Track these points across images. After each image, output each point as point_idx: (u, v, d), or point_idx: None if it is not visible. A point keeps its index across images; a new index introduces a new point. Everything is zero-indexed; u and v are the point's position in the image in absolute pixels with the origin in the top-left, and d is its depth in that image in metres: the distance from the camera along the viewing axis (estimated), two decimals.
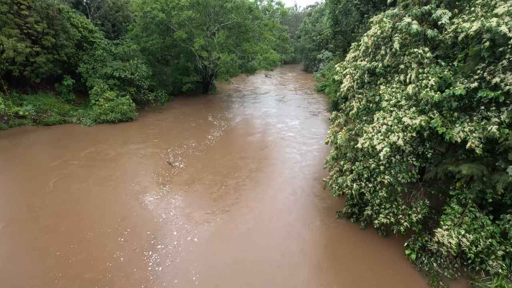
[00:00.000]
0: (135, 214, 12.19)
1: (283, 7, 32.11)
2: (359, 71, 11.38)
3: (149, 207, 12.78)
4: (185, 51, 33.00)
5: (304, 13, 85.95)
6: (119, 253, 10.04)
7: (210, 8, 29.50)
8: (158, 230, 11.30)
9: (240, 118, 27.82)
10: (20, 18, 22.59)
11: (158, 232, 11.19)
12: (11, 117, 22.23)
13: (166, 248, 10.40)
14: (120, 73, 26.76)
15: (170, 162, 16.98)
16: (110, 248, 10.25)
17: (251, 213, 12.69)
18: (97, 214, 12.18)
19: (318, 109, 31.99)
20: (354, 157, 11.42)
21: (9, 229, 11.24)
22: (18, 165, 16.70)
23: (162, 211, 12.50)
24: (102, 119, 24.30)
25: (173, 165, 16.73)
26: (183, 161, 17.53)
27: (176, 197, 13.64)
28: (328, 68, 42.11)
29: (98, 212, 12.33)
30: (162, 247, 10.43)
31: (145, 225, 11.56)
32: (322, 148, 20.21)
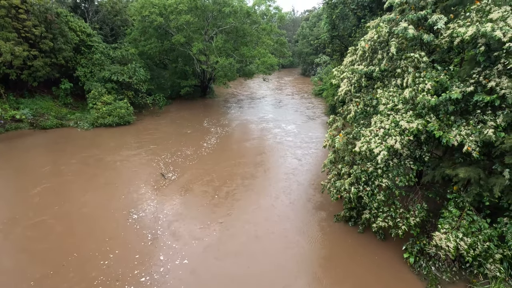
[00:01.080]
0: (123, 234, 11.10)
1: (280, 11, 32.41)
2: (357, 75, 11.46)
3: (137, 225, 11.68)
4: (183, 55, 33.11)
5: (302, 18, 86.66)
6: (100, 280, 8.92)
7: (208, 12, 29.67)
8: (145, 254, 10.10)
9: (237, 123, 27.73)
10: (18, 22, 22.60)
11: (144, 256, 9.96)
12: (8, 121, 22.11)
13: (151, 279, 9.05)
14: (118, 77, 26.76)
15: (163, 173, 16.05)
16: (93, 276, 9.04)
17: (246, 224, 12.13)
18: (84, 231, 11.24)
19: (315, 113, 32.10)
20: (352, 160, 11.45)
21: None
22: (9, 169, 16.56)
23: (150, 229, 11.41)
24: (99, 122, 24.23)
25: (166, 176, 15.76)
26: (177, 171, 16.64)
27: (165, 212, 12.65)
28: (326, 72, 42.33)
29: (85, 228, 11.39)
30: (147, 279, 9.03)
31: (132, 247, 10.39)
32: (319, 152, 20.22)
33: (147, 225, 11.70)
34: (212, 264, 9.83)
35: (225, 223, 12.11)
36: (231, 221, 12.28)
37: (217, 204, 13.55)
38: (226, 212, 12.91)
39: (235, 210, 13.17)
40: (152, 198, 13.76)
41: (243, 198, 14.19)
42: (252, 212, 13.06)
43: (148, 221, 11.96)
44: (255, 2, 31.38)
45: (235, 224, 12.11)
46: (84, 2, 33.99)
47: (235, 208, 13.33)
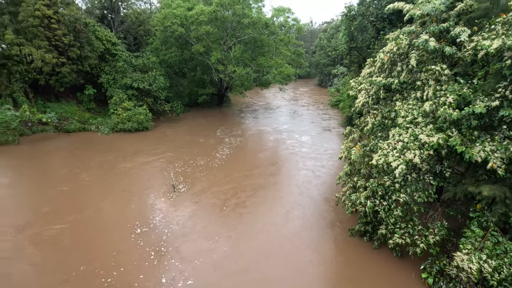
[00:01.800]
0: (130, 249, 10.68)
1: (299, 23, 32.71)
2: (375, 87, 11.31)
3: (141, 240, 11.20)
4: (202, 64, 33.89)
5: (320, 29, 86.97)
6: None
7: (228, 23, 30.37)
8: (149, 274, 9.54)
9: (252, 133, 27.79)
10: (50, 31, 23.98)
11: (149, 277, 9.41)
12: (35, 124, 23.24)
13: None
14: (138, 84, 27.69)
15: (175, 185, 15.65)
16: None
17: (255, 240, 11.56)
18: (93, 242, 10.96)
19: (331, 124, 31.77)
20: (368, 173, 11.18)
21: None
22: (32, 170, 17.26)
23: (154, 246, 10.87)
24: (119, 128, 25.02)
25: (176, 189, 15.36)
26: (187, 182, 16.29)
27: (171, 227, 12.14)
28: (343, 83, 42.06)
29: (95, 240, 11.12)
30: None
31: (137, 265, 9.93)
32: (334, 163, 19.89)
33: (153, 241, 11.15)
34: (218, 285, 9.29)
35: (233, 239, 11.55)
36: (239, 237, 11.71)
37: (226, 218, 13.10)
38: (235, 227, 12.39)
39: (244, 225, 12.68)
40: (161, 209, 13.46)
41: (253, 212, 13.73)
42: (262, 227, 12.55)
43: (154, 236, 11.43)
44: (274, 14, 31.88)
45: (244, 240, 11.56)
46: (111, 13, 35.76)
47: (244, 222, 12.85)
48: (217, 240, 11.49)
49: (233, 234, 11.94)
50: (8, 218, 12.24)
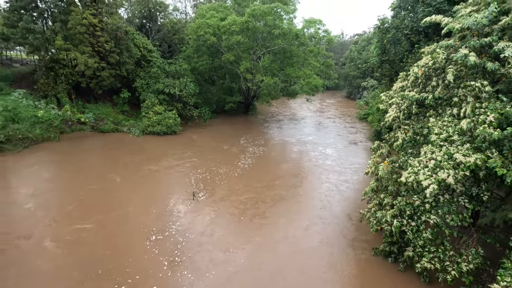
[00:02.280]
0: (146, 256, 10.52)
1: (329, 34, 32.59)
2: (407, 101, 10.91)
3: (156, 248, 10.98)
4: (231, 73, 34.71)
5: (351, 41, 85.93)
6: None
7: (258, 34, 30.97)
8: (161, 285, 9.31)
9: (276, 143, 27.67)
10: (94, 38, 25.87)
11: (160, 287, 9.22)
12: (74, 123, 24.95)
13: None
14: (170, 90, 28.89)
15: (195, 193, 15.43)
16: None
17: (273, 251, 11.19)
18: (113, 246, 10.93)
19: (358, 137, 30.92)
20: (396, 191, 10.69)
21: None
22: (67, 166, 18.40)
23: (168, 255, 10.59)
24: (149, 130, 26.14)
25: (196, 196, 15.17)
26: (208, 189, 16.14)
27: (187, 235, 11.84)
28: (373, 96, 40.94)
29: (114, 243, 11.09)
30: None
31: (152, 273, 9.71)
32: (359, 178, 19.22)
33: (167, 249, 10.91)
34: None
35: (250, 251, 11.17)
36: (256, 250, 11.32)
37: (244, 228, 12.76)
38: (252, 238, 12.02)
39: (262, 236, 12.26)
40: (179, 216, 13.29)
41: (272, 223, 13.30)
42: (280, 240, 12.07)
43: (169, 244, 11.20)
44: (305, 25, 32.07)
45: (261, 254, 11.11)
46: (149, 22, 37.90)
47: (262, 234, 12.43)
48: (233, 251, 11.15)
49: (250, 246, 11.56)
50: (41, 214, 13.06)
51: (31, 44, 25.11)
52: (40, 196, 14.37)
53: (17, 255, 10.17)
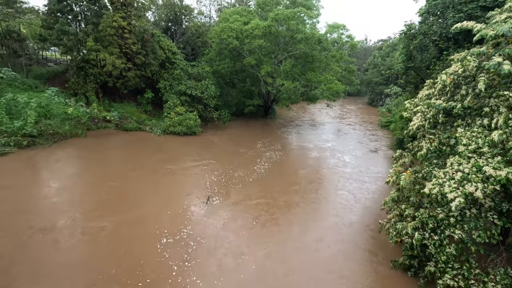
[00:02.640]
0: (157, 259, 10.43)
1: (353, 40, 32.07)
2: (433, 110, 10.52)
3: (167, 252, 10.84)
4: (252, 76, 34.95)
5: (374, 47, 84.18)
6: None
7: (281, 38, 31.05)
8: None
9: (293, 148, 27.43)
10: (122, 40, 26.97)
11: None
12: (100, 120, 26.06)
13: None
14: (192, 91, 29.52)
15: (210, 197, 15.26)
16: None
17: (286, 260, 10.92)
18: (127, 247, 10.93)
19: (378, 145, 30.08)
20: (418, 202, 10.29)
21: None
22: (91, 162, 19.18)
23: (178, 260, 10.44)
24: (170, 130, 26.80)
25: (210, 200, 15.00)
26: (222, 193, 16.02)
27: (199, 240, 11.70)
28: (396, 103, 39.86)
29: (129, 244, 11.10)
30: None
31: (164, 278, 9.63)
32: (378, 188, 18.64)
33: (178, 254, 10.79)
34: None
35: (261, 259, 10.92)
36: (268, 257, 11.03)
37: (257, 235, 12.52)
38: (265, 246, 11.77)
39: (275, 244, 11.96)
40: (191, 220, 13.16)
41: (285, 231, 13.02)
42: (293, 249, 11.73)
43: (179, 249, 11.07)
44: (328, 30, 31.79)
45: (273, 262, 10.83)
46: (174, 25, 39.05)
47: (275, 241, 12.11)
48: (244, 258, 10.90)
49: (262, 253, 11.30)
50: (63, 208, 13.66)
51: (65, 45, 26.57)
52: (65, 190, 15.01)
53: (34, 249, 10.41)
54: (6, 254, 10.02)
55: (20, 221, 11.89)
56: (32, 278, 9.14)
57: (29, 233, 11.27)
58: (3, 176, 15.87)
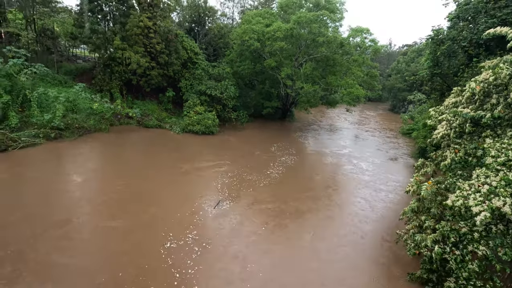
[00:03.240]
0: (160, 265, 10.08)
1: (376, 44, 31.39)
2: (460, 118, 10.08)
3: (170, 258, 10.46)
4: (271, 78, 34.97)
5: (399, 52, 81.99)
6: None
7: (302, 41, 30.88)
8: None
9: (309, 153, 27.02)
10: (147, 39, 27.82)
11: None
12: (123, 117, 26.95)
13: None
14: (211, 91, 29.94)
15: (220, 201, 14.97)
16: None
17: (294, 270, 10.47)
18: (134, 249, 10.72)
19: (399, 153, 29.15)
20: (439, 214, 9.87)
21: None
22: (111, 156, 19.88)
23: (181, 267, 10.03)
24: (189, 129, 27.29)
25: (220, 204, 14.69)
26: (232, 196, 15.72)
27: (204, 245, 11.34)
28: (419, 111, 38.53)
29: (137, 246, 10.89)
30: None
31: (166, 286, 9.28)
32: (397, 197, 18.05)
33: (181, 259, 10.44)
34: None
35: (268, 268, 10.46)
36: (275, 267, 10.58)
37: (265, 242, 12.11)
38: (273, 254, 11.34)
39: (284, 252, 11.53)
40: (198, 224, 12.76)
41: (296, 238, 12.63)
42: (304, 258, 11.25)
43: (183, 254, 10.71)
44: (351, 34, 31.29)
45: (280, 273, 10.34)
46: (197, 26, 39.80)
47: (283, 251, 11.62)
48: (250, 267, 10.46)
49: (270, 262, 10.89)
50: (80, 203, 14.18)
51: (93, 43, 27.74)
52: (84, 185, 15.39)
53: (45, 243, 10.49)
54: (18, 245, 10.23)
55: (39, 213, 12.22)
56: (34, 274, 9.11)
57: (44, 226, 11.41)
58: (31, 166, 16.78)
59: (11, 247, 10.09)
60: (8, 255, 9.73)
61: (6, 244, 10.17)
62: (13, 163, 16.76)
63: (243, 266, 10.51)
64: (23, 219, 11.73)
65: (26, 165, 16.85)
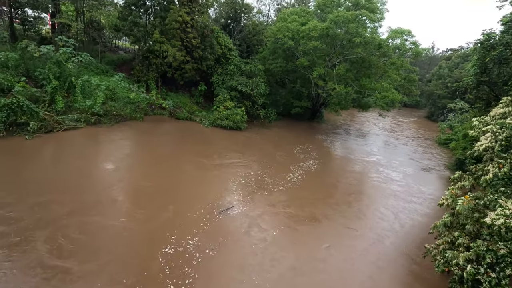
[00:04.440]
0: (160, 275, 9.30)
1: (417, 47, 29.66)
2: (507, 131, 9.29)
3: (167, 267, 9.65)
4: (303, 77, 34.53)
5: (442, 57, 77.08)
6: None
7: (338, 41, 30.09)
8: None
9: (336, 157, 26.09)
10: (184, 34, 28.68)
11: None
12: (156, 107, 28.12)
13: None
14: (242, 88, 30.23)
15: (229, 209, 13.82)
16: None
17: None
18: (134, 254, 10.06)
19: (432, 164, 27.47)
20: (475, 232, 9.20)
21: None
22: (141, 145, 20.78)
23: (177, 278, 9.21)
24: (217, 123, 27.83)
25: (226, 211, 13.58)
26: (247, 199, 14.99)
27: (207, 251, 10.56)
28: (460, 120, 36.03)
29: (136, 251, 10.22)
30: None
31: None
32: (426, 211, 17.00)
33: (179, 268, 9.68)
34: None
35: (273, 283, 9.57)
36: (283, 284, 9.67)
37: (274, 251, 11.17)
38: (280, 266, 10.40)
39: (294, 266, 10.58)
40: (204, 229, 11.93)
41: (309, 249, 11.68)
42: (316, 275, 10.30)
43: (182, 261, 9.95)
44: (390, 35, 29.88)
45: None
46: (233, 23, 40.27)
47: (294, 263, 10.67)
48: (255, 280, 9.60)
49: (276, 277, 9.91)
50: (107, 189, 14.95)
51: (134, 35, 29.15)
52: (113, 171, 15.85)
53: (64, 227, 10.67)
54: (53, 221, 11.11)
55: (73, 191, 13.15)
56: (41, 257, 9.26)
57: (67, 209, 11.71)
58: (72, 148, 18.13)
59: (47, 222, 11.01)
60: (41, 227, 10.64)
61: (42, 220, 11.11)
62: (57, 144, 18.20)
63: (244, 282, 9.63)
64: (58, 196, 12.66)
65: (67, 146, 18.23)
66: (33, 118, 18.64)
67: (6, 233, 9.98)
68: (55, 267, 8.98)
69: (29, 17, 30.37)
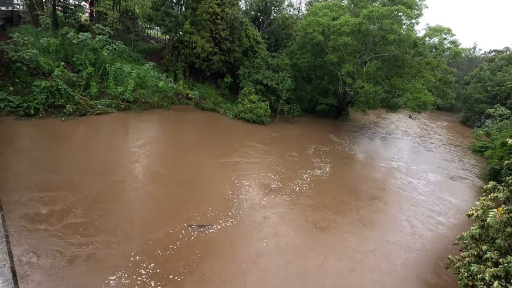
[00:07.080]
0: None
1: (457, 47, 27.78)
2: None
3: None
4: (330, 74, 33.70)
5: (484, 58, 71.98)
6: None
7: (370, 37, 28.94)
8: None
9: (359, 160, 24.83)
10: (213, 25, 28.87)
11: None
12: (183, 97, 28.76)
13: None
14: (268, 81, 30.09)
15: (204, 226, 11.75)
16: None
17: None
18: (145, 246, 9.99)
19: (463, 173, 25.97)
20: (507, 247, 8.62)
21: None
22: (165, 132, 21.37)
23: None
24: (240, 116, 28.00)
25: (203, 227, 11.66)
26: (248, 205, 13.90)
27: (172, 277, 9.16)
28: (499, 127, 33.61)
29: (147, 242, 10.14)
30: None
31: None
32: (453, 222, 16.27)
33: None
34: None
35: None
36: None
37: (274, 259, 10.54)
38: (282, 272, 9.88)
39: (296, 269, 10.19)
40: (182, 247, 10.54)
41: (316, 262, 10.85)
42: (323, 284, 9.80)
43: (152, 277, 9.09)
44: (428, 33, 28.17)
45: None
46: (263, 15, 39.93)
47: (299, 279, 9.96)
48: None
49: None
50: (124, 174, 15.54)
51: (166, 26, 29.78)
52: (136, 157, 16.24)
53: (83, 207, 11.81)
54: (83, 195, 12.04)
55: (100, 171, 14.08)
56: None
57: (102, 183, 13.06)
58: (103, 131, 19.11)
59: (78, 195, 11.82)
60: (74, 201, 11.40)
61: (75, 192, 11.93)
62: (89, 126, 19.24)
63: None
64: (88, 173, 13.57)
65: (99, 129, 19.23)
66: (69, 101, 19.81)
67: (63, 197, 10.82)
68: None
69: (70, 5, 31.96)
